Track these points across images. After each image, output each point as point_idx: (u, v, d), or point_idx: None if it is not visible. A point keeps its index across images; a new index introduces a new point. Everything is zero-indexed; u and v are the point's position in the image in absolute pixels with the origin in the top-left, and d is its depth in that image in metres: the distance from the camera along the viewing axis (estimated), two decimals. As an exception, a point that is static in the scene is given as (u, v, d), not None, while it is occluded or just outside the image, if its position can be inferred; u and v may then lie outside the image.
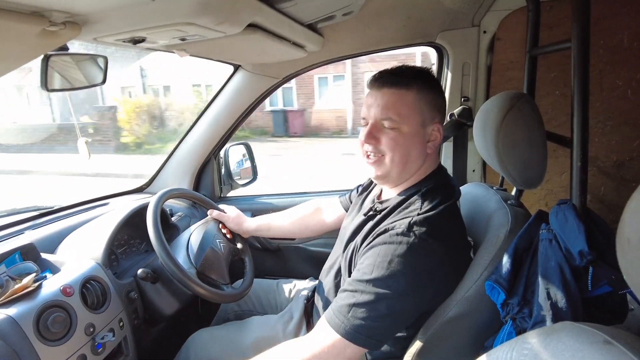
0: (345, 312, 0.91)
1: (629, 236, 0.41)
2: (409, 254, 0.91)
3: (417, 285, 0.92)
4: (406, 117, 1.00)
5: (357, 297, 0.92)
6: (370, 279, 0.91)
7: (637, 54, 1.44)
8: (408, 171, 1.06)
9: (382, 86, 1.02)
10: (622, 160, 1.55)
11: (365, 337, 0.90)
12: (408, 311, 0.94)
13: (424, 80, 1.03)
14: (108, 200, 1.74)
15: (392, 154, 1.02)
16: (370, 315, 0.90)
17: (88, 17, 0.80)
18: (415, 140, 1.02)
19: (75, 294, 1.05)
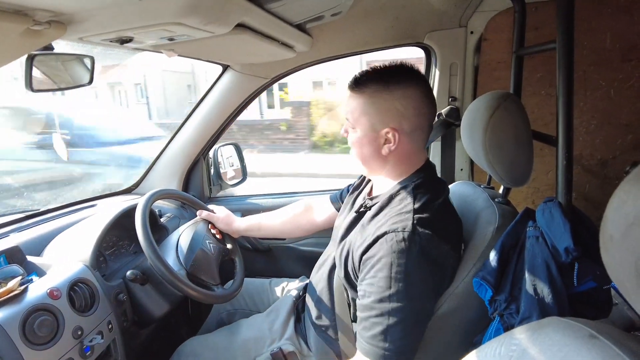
0: (382, 339, 0.91)
1: (612, 232, 0.42)
2: (422, 258, 0.91)
3: (434, 285, 0.96)
4: (357, 120, 1.05)
5: (386, 320, 0.91)
6: (391, 294, 0.90)
7: (619, 55, 1.47)
8: (369, 167, 1.11)
9: (349, 88, 1.08)
10: (606, 159, 1.58)
11: (408, 356, 0.93)
12: (431, 309, 0.98)
13: (380, 82, 1.01)
14: (96, 201, 1.72)
15: (352, 150, 1.09)
16: (405, 334, 0.91)
17: (73, 16, 0.79)
18: (365, 142, 1.05)
19: (62, 296, 1.03)
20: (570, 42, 0.96)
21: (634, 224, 0.39)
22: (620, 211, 0.41)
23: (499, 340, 0.61)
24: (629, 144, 1.54)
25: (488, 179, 1.37)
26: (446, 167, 1.74)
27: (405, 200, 1.01)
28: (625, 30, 1.44)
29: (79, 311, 1.07)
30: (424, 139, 1.08)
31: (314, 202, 1.55)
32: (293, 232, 1.55)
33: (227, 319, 1.53)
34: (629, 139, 1.54)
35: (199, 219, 1.46)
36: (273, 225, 1.53)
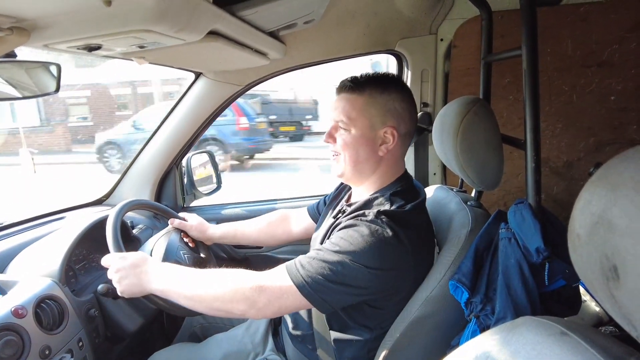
0: (304, 263, 0.96)
1: (579, 232, 0.44)
2: (374, 236, 0.95)
3: (376, 264, 0.95)
4: (354, 120, 1.06)
5: (319, 254, 0.97)
6: (335, 250, 0.96)
7: (580, 62, 1.53)
8: (361, 170, 1.10)
9: (340, 91, 1.10)
10: (572, 161, 1.64)
11: (312, 290, 0.93)
12: (361, 286, 0.96)
13: (377, 85, 1.07)
14: (64, 214, 1.66)
15: (343, 154, 1.09)
16: (324, 272, 0.93)
17: (37, 22, 0.77)
18: (362, 142, 1.07)
19: (28, 315, 0.99)
20: (534, 49, 1.00)
21: (598, 223, 0.40)
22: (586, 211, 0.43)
23: (476, 342, 0.62)
24: (592, 145, 1.61)
25: (460, 182, 1.40)
26: (420, 172, 1.77)
27: (382, 205, 1.04)
28: (584, 38, 1.51)
29: (47, 329, 1.02)
30: (408, 147, 1.14)
31: (290, 212, 1.54)
32: (268, 241, 1.54)
33: (200, 332, 1.50)
34: (591, 141, 1.61)
35: (171, 228, 1.42)
36: (249, 233, 1.51)
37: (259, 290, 0.95)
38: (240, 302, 0.96)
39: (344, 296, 0.96)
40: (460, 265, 0.99)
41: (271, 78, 1.74)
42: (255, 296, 0.95)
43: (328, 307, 0.96)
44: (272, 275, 0.99)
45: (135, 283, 1.05)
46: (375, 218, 0.97)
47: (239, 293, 0.96)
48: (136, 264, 1.06)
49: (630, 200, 0.37)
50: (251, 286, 0.96)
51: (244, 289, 0.96)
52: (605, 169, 0.42)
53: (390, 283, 1.00)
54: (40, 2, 0.69)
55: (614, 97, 1.55)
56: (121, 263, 1.06)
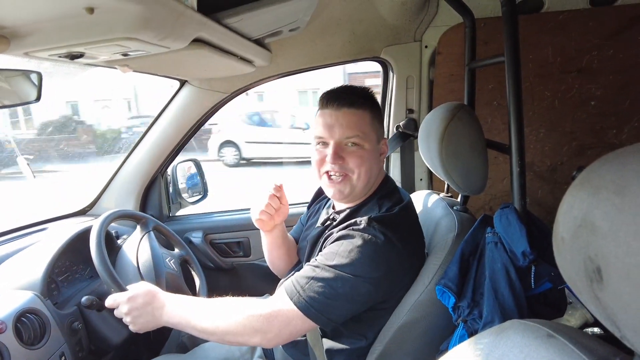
0: (303, 283, 0.95)
1: (563, 235, 0.44)
2: (368, 245, 0.95)
3: (373, 273, 0.95)
4: (367, 135, 1.05)
5: (317, 272, 0.96)
6: (331, 264, 0.95)
7: (560, 68, 1.57)
8: (369, 185, 1.10)
9: (342, 106, 1.04)
10: (555, 165, 1.67)
11: (316, 311, 0.93)
12: (362, 297, 0.96)
13: (372, 100, 1.10)
14: (46, 224, 1.62)
15: (358, 171, 1.04)
16: (325, 291, 0.93)
17: (17, 30, 0.75)
18: (374, 156, 1.08)
19: (7, 330, 0.96)
20: (516, 55, 1.02)
21: (582, 226, 0.41)
22: (569, 214, 0.43)
23: (464, 346, 0.62)
24: (574, 149, 1.64)
25: (446, 187, 1.41)
26: (406, 178, 1.78)
27: (372, 211, 1.05)
28: (564, 45, 1.54)
29: (27, 344, 0.99)
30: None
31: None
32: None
33: (188, 342, 1.47)
34: (574, 145, 1.64)
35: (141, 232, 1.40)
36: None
37: (267, 321, 0.95)
38: (251, 336, 0.96)
39: (347, 310, 0.97)
40: (446, 270, 1.00)
41: (257, 85, 1.74)
42: (265, 327, 0.95)
43: (333, 324, 0.97)
44: (276, 302, 0.98)
45: (150, 320, 1.04)
46: (367, 226, 0.98)
47: (248, 327, 0.96)
48: (147, 302, 1.05)
49: (611, 203, 0.38)
50: (258, 318, 0.95)
51: (252, 322, 0.95)
52: (587, 172, 0.43)
53: (390, 287, 1.01)
54: (20, 9, 0.68)
55: (594, 102, 1.59)
56: (131, 305, 1.04)
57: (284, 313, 0.95)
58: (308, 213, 1.35)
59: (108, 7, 0.67)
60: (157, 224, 1.50)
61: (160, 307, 1.04)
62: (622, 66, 1.55)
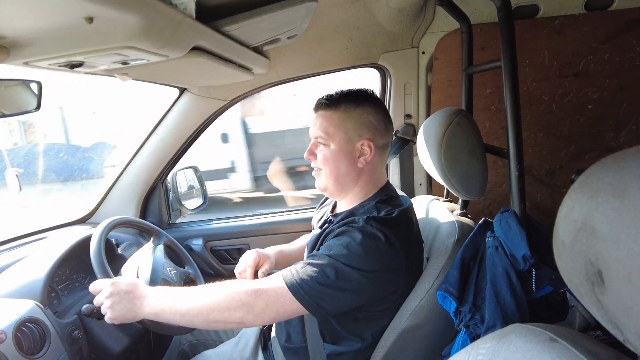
0: (298, 267, 0.98)
1: (563, 239, 0.44)
2: (365, 240, 0.96)
3: (368, 267, 0.96)
4: (332, 135, 1.10)
5: (313, 259, 0.99)
6: (327, 253, 0.98)
7: (557, 72, 1.58)
8: (343, 183, 1.12)
9: (317, 109, 1.14)
10: (554, 169, 1.67)
11: (305, 294, 0.94)
12: (354, 289, 0.96)
13: (351, 100, 1.11)
14: (46, 233, 1.61)
15: (324, 168, 1.12)
16: (317, 276, 0.94)
17: (16, 40, 0.76)
18: (341, 156, 1.10)
19: (7, 339, 0.95)
20: (513, 60, 1.02)
21: (582, 229, 0.41)
22: (569, 218, 0.43)
23: (466, 351, 0.62)
24: (573, 153, 1.65)
25: (446, 192, 1.42)
26: (405, 183, 1.78)
27: (370, 213, 1.05)
28: (560, 50, 1.55)
29: (28, 354, 0.99)
30: (387, 156, 1.17)
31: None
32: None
33: (189, 350, 1.46)
34: (572, 149, 1.64)
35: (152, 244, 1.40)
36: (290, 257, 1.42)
37: (255, 294, 0.95)
38: (237, 309, 0.95)
39: (338, 301, 0.96)
40: (447, 275, 1.00)
41: (256, 93, 1.75)
42: (252, 301, 0.95)
43: (322, 312, 0.96)
44: (268, 280, 0.99)
45: (129, 309, 1.01)
46: (365, 224, 0.99)
47: (235, 299, 0.95)
48: (129, 290, 1.03)
49: (611, 206, 0.38)
50: (246, 291, 0.96)
51: (240, 295, 0.95)
52: (586, 176, 0.43)
53: (383, 286, 1.00)
54: (19, 20, 0.68)
55: (591, 105, 1.60)
56: (113, 289, 1.03)
57: (273, 290, 0.96)
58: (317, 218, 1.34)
59: (107, 17, 0.68)
60: (169, 239, 1.51)
61: (142, 296, 1.03)
62: (618, 69, 1.56)
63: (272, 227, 1.91)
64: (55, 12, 0.65)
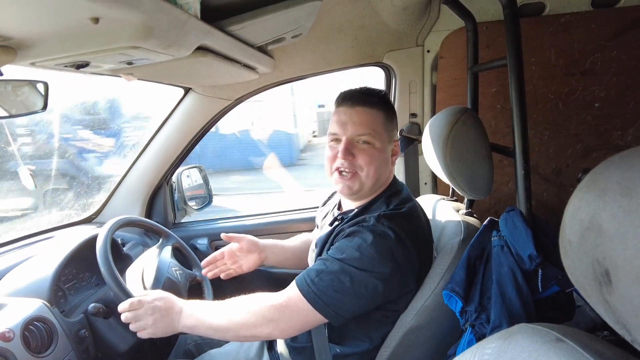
0: (313, 276, 0.97)
1: (570, 238, 0.44)
2: (377, 240, 0.96)
3: (381, 268, 0.96)
4: (379, 134, 1.07)
5: (326, 265, 0.98)
6: (340, 258, 0.97)
7: (564, 70, 1.56)
8: (378, 184, 1.11)
9: (355, 104, 1.07)
10: (560, 168, 1.66)
11: (324, 304, 0.95)
12: (369, 292, 0.96)
13: (386, 102, 1.12)
14: (53, 233, 1.63)
15: (367, 169, 1.07)
16: (334, 285, 0.94)
17: (23, 41, 0.76)
18: (384, 156, 1.10)
19: (15, 338, 0.96)
20: (519, 58, 1.02)
21: (589, 228, 0.40)
22: (576, 217, 0.43)
23: (472, 351, 0.62)
24: (579, 152, 1.63)
25: (451, 191, 1.41)
26: (410, 182, 1.78)
27: (380, 208, 1.06)
28: (567, 47, 1.54)
29: (35, 352, 1.00)
30: None
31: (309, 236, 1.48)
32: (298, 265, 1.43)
33: (195, 349, 1.47)
34: (579, 148, 1.63)
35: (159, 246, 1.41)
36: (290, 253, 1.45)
37: (279, 311, 0.98)
38: (264, 326, 0.98)
39: (355, 306, 0.97)
40: (453, 274, 0.99)
41: (261, 92, 1.75)
42: (278, 316, 0.98)
43: (341, 319, 0.97)
44: (288, 293, 1.00)
45: (169, 324, 1.05)
46: (376, 222, 0.99)
47: (261, 317, 0.98)
48: (168, 307, 1.07)
49: (618, 205, 0.38)
50: (270, 306, 0.99)
51: (264, 311, 0.99)
52: (593, 175, 0.43)
53: (398, 284, 1.00)
54: (26, 20, 0.69)
55: (598, 103, 1.58)
56: (155, 306, 1.06)
57: (294, 303, 0.97)
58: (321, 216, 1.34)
59: (113, 17, 0.68)
60: (178, 241, 1.52)
61: (179, 311, 1.06)
62: (625, 67, 1.54)
63: (277, 226, 1.91)
64: (62, 13, 0.66)
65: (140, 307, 1.06)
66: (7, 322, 0.98)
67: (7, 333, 0.95)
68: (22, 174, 1.46)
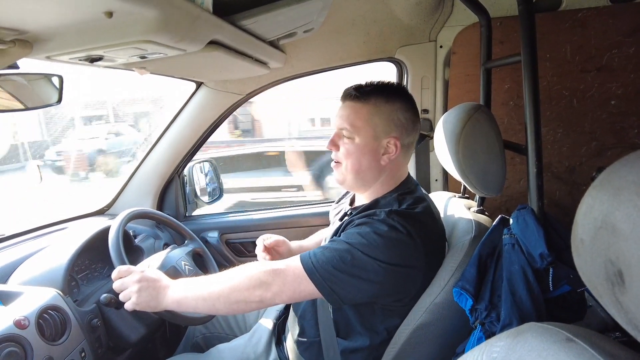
0: (317, 251, 0.98)
1: (582, 237, 0.43)
2: (386, 233, 0.95)
3: (386, 259, 0.95)
4: (359, 128, 1.06)
5: (332, 245, 0.99)
6: (347, 240, 0.98)
7: (579, 66, 1.54)
8: (362, 179, 1.10)
9: (345, 99, 1.09)
10: (573, 166, 1.64)
11: (320, 276, 0.94)
12: (370, 278, 0.95)
13: (382, 94, 1.07)
14: (66, 224, 1.66)
15: (345, 162, 1.09)
16: (334, 261, 0.94)
17: (39, 35, 0.77)
18: (365, 151, 1.07)
19: (30, 325, 0.98)
20: (533, 54, 1.00)
21: (602, 228, 0.40)
22: (589, 216, 0.42)
23: (480, 349, 0.61)
24: (594, 150, 1.61)
25: (463, 189, 1.40)
26: (421, 179, 1.77)
27: (391, 205, 1.04)
28: (583, 43, 1.51)
29: (49, 340, 1.02)
30: (410, 155, 1.15)
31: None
32: None
33: (202, 342, 1.49)
34: (593, 146, 1.60)
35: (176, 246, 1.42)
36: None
37: (273, 274, 0.97)
38: (256, 288, 0.97)
39: (352, 289, 0.96)
40: (463, 272, 0.99)
41: (272, 87, 1.75)
42: (270, 279, 0.97)
43: (335, 297, 0.96)
44: (287, 261, 1.01)
45: (153, 296, 1.04)
46: (387, 217, 0.98)
47: (254, 278, 0.98)
48: (156, 279, 1.06)
49: (633, 205, 0.37)
50: (265, 270, 0.98)
51: (259, 274, 0.98)
52: (608, 173, 0.42)
53: (400, 281, 0.99)
54: (42, 14, 0.70)
55: (614, 101, 1.55)
56: (142, 275, 1.06)
57: (291, 270, 0.97)
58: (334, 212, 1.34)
59: (126, 11, 0.69)
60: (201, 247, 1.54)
61: (166, 287, 1.05)
62: None
63: (288, 220, 1.92)
64: (77, 6, 0.67)
65: (128, 274, 1.07)
66: (23, 310, 1.01)
67: (23, 321, 0.97)
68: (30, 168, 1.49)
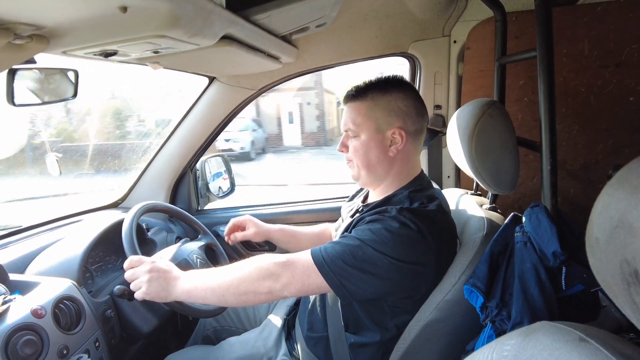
0: (328, 246, 1.00)
1: (597, 236, 0.43)
2: (398, 230, 0.96)
3: (398, 254, 0.95)
4: (360, 125, 1.09)
5: (343, 239, 1.00)
6: (357, 236, 0.98)
7: (597, 62, 1.50)
8: (374, 174, 1.12)
9: (346, 101, 1.13)
10: (589, 163, 1.61)
11: (329, 270, 0.95)
12: (379, 274, 0.95)
13: (378, 88, 1.09)
14: (81, 216, 1.69)
15: (355, 160, 1.12)
16: (344, 256, 0.95)
17: (55, 30, 0.79)
18: (371, 146, 1.09)
19: (47, 315, 1.01)
20: (550, 50, 0.98)
21: (618, 227, 0.39)
22: (605, 214, 0.42)
23: (491, 347, 0.61)
24: (610, 148, 1.58)
25: (475, 185, 1.39)
26: (433, 175, 1.75)
27: (403, 203, 1.04)
28: (601, 38, 1.48)
29: (65, 329, 1.04)
30: (421, 142, 1.15)
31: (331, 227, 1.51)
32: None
33: (213, 335, 1.51)
34: (609, 143, 1.57)
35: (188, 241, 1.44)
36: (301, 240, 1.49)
37: (283, 265, 0.98)
38: (265, 279, 0.98)
39: (362, 284, 0.96)
40: (475, 269, 0.98)
41: (284, 82, 1.76)
42: (279, 271, 0.98)
43: (346, 293, 0.96)
44: (297, 254, 1.02)
45: (163, 287, 1.05)
46: (398, 214, 0.98)
47: (264, 269, 0.99)
48: (167, 270, 1.08)
49: None
50: (275, 262, 0.99)
51: (269, 266, 0.99)
52: (625, 171, 0.42)
53: (410, 278, 0.99)
54: (58, 10, 0.71)
55: (633, 97, 1.52)
56: (153, 266, 1.07)
57: (301, 263, 0.98)
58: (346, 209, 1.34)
59: (140, 6, 0.69)
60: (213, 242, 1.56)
61: (175, 278, 1.07)
62: None
63: (299, 215, 1.93)
64: (92, 2, 0.68)
65: (139, 264, 1.09)
66: (39, 299, 1.03)
67: (39, 310, 1.00)
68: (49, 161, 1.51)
